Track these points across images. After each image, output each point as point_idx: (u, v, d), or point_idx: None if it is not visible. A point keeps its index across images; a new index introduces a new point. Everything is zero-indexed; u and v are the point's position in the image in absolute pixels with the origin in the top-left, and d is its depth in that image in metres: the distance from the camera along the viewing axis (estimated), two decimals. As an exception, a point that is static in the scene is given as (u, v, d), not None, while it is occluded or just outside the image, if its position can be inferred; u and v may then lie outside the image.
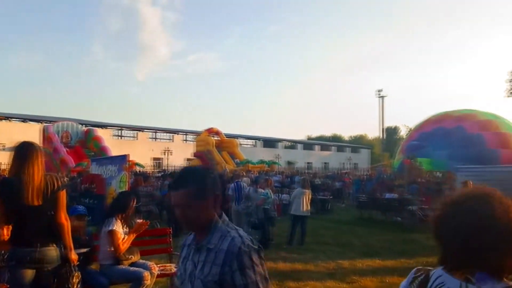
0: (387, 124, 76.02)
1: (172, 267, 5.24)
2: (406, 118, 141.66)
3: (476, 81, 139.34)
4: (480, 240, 1.26)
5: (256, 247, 1.78)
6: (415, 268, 1.57)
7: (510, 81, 33.23)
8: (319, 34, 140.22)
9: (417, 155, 21.38)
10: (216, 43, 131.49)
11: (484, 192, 1.36)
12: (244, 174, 21.71)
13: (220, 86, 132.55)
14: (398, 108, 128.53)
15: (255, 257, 1.75)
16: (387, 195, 16.07)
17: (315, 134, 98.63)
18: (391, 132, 76.61)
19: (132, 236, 4.84)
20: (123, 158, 7.80)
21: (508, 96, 33.51)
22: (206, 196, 1.79)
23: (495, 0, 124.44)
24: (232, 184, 11.00)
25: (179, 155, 50.30)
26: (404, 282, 1.54)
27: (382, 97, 50.55)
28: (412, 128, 29.32)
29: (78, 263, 3.58)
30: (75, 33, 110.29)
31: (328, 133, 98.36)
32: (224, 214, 1.90)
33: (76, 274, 3.47)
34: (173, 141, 56.47)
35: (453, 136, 23.42)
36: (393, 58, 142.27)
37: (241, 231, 1.83)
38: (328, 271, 7.37)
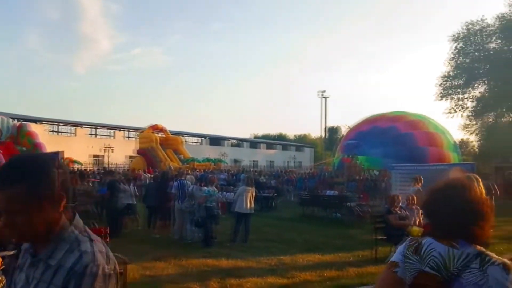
0: (329, 124, 78.53)
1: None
2: (347, 118, 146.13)
3: (411, 84, 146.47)
4: (461, 217, 1.72)
5: (110, 271, 1.32)
6: (408, 238, 1.97)
7: (439, 85, 35.20)
8: (264, 34, 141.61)
9: (355, 153, 22.23)
10: (160, 38, 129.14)
11: (461, 183, 1.84)
12: (189, 172, 21.55)
13: (165, 82, 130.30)
14: (340, 109, 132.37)
15: (100, 284, 1.27)
16: (328, 192, 16.52)
17: (260, 132, 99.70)
18: (333, 132, 78.85)
19: None
20: (56, 155, 7.46)
21: (438, 100, 35.49)
22: (43, 195, 1.31)
23: (429, 10, 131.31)
24: (176, 182, 10.85)
25: (121, 152, 48.95)
26: (401, 248, 1.86)
27: (325, 97, 51.74)
28: (350, 128, 30.52)
29: (3, 267, 3.37)
30: (5, 18, 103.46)
31: (273, 132, 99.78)
32: (77, 217, 1.43)
33: (0, 278, 3.26)
34: (114, 137, 54.80)
35: (387, 135, 24.77)
36: (336, 60, 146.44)
37: (99, 245, 1.37)
38: (270, 267, 7.46)
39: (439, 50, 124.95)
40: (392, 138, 24.20)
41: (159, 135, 41.34)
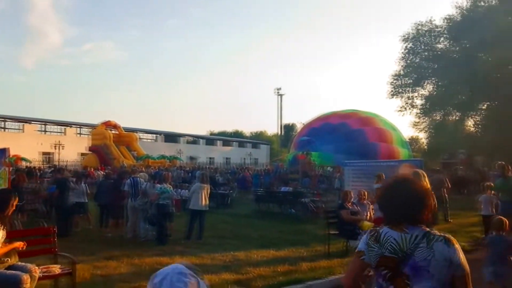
0: (285, 121, 79.17)
1: (57, 268, 4.91)
2: (304, 115, 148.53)
3: (366, 82, 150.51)
4: (409, 207, 2.12)
5: None
6: (369, 230, 2.33)
7: (390, 84, 36.42)
8: (220, 31, 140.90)
9: (307, 150, 22.69)
10: (114, 33, 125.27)
11: (407, 179, 2.27)
12: (143, 169, 21.15)
13: (119, 78, 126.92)
14: (296, 106, 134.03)
15: None
16: (283, 189, 16.72)
17: (217, 129, 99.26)
18: (288, 129, 79.72)
19: (6, 248, 4.39)
20: (2, 152, 7.13)
21: (389, 98, 36.73)
22: None
23: (381, 10, 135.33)
24: (129, 180, 10.63)
25: (72, 149, 47.32)
26: (364, 238, 2.23)
27: (281, 95, 52.20)
28: (304, 125, 31.25)
29: None
30: None
31: (229, 129, 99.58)
32: None
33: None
34: (65, 134, 52.92)
35: (338, 131, 25.50)
36: (293, 58, 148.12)
37: None
38: (225, 263, 7.46)
39: (394, 49, 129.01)
40: (343, 134, 24.97)
41: (112, 131, 40.34)
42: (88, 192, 12.37)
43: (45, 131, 53.28)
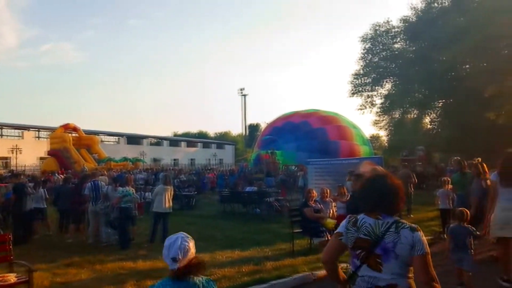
0: (250, 121, 79.47)
1: (12, 277, 4.75)
2: (267, 115, 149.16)
3: (329, 81, 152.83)
4: (385, 199, 2.51)
5: None
6: (348, 216, 2.67)
7: (351, 83, 37.21)
8: (183, 31, 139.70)
9: (271, 148, 22.90)
10: (73, 34, 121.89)
11: (382, 174, 2.70)
12: (104, 172, 20.68)
13: (78, 79, 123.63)
14: (260, 106, 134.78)
15: None
16: (248, 189, 16.75)
17: (181, 130, 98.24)
18: (253, 129, 79.89)
19: None
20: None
21: (350, 96, 37.50)
22: None
23: (343, 10, 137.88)
24: (89, 184, 10.38)
25: (31, 154, 45.74)
26: (343, 222, 2.62)
27: (244, 95, 52.30)
28: (267, 124, 31.58)
29: None
30: None
31: (194, 129, 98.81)
32: None
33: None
34: (22, 138, 51.01)
35: (300, 130, 25.93)
36: (256, 58, 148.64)
37: None
38: (189, 266, 7.39)
39: (355, 49, 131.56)
40: (305, 133, 25.44)
41: (72, 134, 39.23)
42: (47, 197, 12.00)
43: (1, 135, 51.21)
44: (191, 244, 2.52)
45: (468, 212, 5.88)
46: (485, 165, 8.23)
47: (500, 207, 5.83)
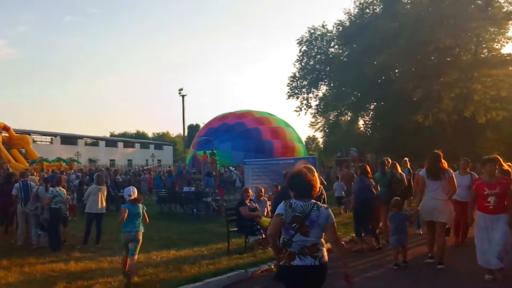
0: (190, 122, 78.65)
1: None
2: (208, 116, 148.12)
3: (268, 83, 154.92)
4: (306, 189, 3.62)
5: None
6: (283, 202, 3.63)
7: (287, 85, 38.00)
8: (122, 29, 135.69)
9: (211, 149, 23.03)
10: (4, 29, 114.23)
11: (303, 170, 3.70)
12: (34, 173, 19.70)
13: (9, 76, 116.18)
14: (201, 107, 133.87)
15: None
16: (185, 189, 16.72)
17: (118, 131, 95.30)
18: (193, 130, 79.17)
19: None
20: None
21: (287, 98, 38.30)
22: None
23: (283, 14, 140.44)
24: (17, 184, 9.93)
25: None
26: (281, 205, 3.60)
27: (183, 96, 51.80)
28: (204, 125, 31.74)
29: None
30: None
31: (132, 130, 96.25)
32: None
33: None
34: None
35: (235, 130, 26.43)
36: (197, 59, 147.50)
37: None
38: (123, 267, 7.33)
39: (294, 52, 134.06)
40: (240, 133, 26.02)
41: (2, 134, 36.87)
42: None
43: None
44: (135, 190, 6.48)
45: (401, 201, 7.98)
46: (368, 166, 9.50)
47: (427, 196, 7.04)
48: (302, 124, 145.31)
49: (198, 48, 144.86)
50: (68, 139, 62.21)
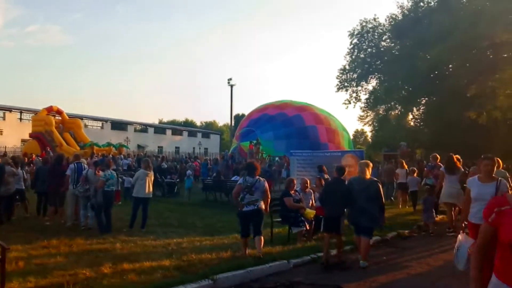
0: (237, 111, 79.13)
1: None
2: (254, 106, 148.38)
3: (317, 75, 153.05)
4: (253, 170, 7.34)
5: None
6: (242, 177, 7.94)
7: (337, 78, 37.32)
8: (172, 17, 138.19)
9: (250, 139, 22.98)
10: (59, 16, 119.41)
11: (252, 162, 8.42)
12: (87, 158, 20.47)
13: (64, 61, 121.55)
14: (248, 97, 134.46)
15: None
16: (234, 178, 16.76)
17: (167, 118, 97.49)
18: (240, 119, 79.77)
19: None
20: None
21: (336, 91, 37.67)
22: None
23: (334, 5, 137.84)
24: (72, 165, 10.27)
25: (13, 136, 44.99)
26: (241, 179, 7.51)
27: (232, 85, 51.89)
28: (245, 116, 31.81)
29: None
30: None
31: (180, 118, 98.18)
32: None
33: None
34: (4, 119, 50.06)
35: (276, 120, 26.33)
36: (245, 49, 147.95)
37: None
38: (167, 251, 7.41)
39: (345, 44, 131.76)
40: (281, 121, 25.83)
41: (56, 117, 38.60)
42: (25, 178, 11.85)
43: (-18, 115, 50.20)
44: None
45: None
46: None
47: (446, 185, 9.54)
48: (349, 117, 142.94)
49: (249, 38, 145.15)
50: (118, 125, 64.17)
